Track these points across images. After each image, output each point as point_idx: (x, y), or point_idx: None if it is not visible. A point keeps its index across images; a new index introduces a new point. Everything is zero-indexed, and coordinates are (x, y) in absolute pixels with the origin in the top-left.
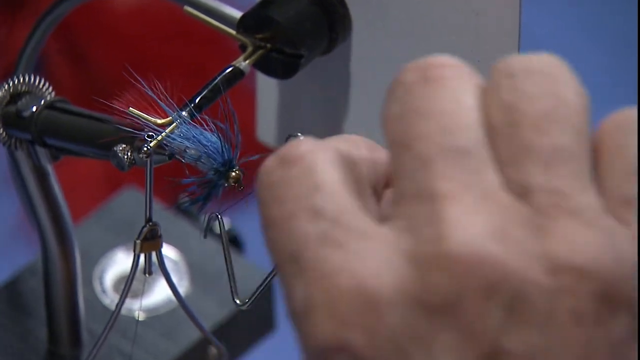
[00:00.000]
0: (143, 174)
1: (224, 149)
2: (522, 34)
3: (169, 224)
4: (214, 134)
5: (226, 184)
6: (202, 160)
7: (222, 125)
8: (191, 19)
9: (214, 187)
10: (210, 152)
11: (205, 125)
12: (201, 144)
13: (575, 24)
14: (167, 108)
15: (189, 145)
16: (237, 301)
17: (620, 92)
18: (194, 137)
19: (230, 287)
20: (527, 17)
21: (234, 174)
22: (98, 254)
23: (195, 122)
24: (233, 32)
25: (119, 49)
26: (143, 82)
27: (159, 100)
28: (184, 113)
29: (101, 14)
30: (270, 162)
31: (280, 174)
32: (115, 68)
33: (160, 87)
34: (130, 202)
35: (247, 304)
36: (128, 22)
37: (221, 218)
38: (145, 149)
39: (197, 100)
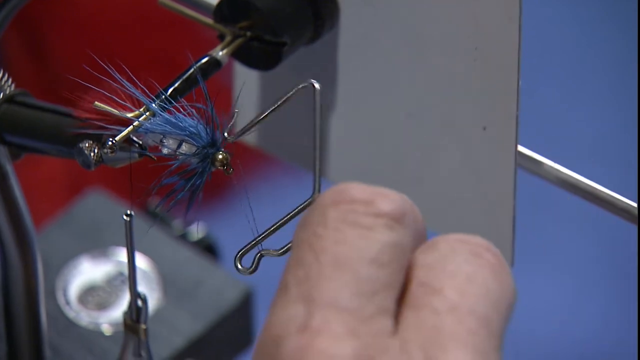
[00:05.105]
0: (110, 173)
1: (207, 130)
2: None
3: (138, 230)
4: (192, 118)
5: (213, 169)
6: (183, 147)
7: (202, 107)
8: (161, 6)
9: (200, 175)
10: (191, 135)
11: (181, 111)
12: (179, 129)
13: (575, 24)
14: (136, 98)
15: (166, 131)
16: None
17: (620, 93)
18: (170, 124)
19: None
20: (527, 16)
21: (220, 156)
22: (61, 263)
23: (167, 114)
24: (210, 21)
25: (83, 39)
26: (113, 72)
27: (131, 90)
28: (154, 105)
29: (64, 2)
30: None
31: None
32: (80, 59)
33: (130, 78)
34: (95, 205)
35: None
36: (93, 10)
37: None
38: (110, 143)
39: (168, 92)
